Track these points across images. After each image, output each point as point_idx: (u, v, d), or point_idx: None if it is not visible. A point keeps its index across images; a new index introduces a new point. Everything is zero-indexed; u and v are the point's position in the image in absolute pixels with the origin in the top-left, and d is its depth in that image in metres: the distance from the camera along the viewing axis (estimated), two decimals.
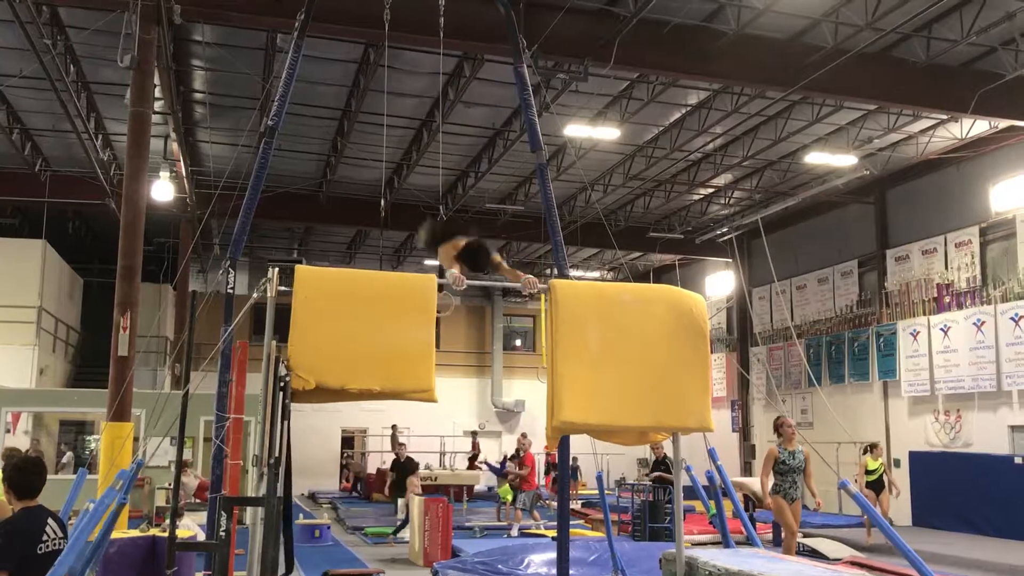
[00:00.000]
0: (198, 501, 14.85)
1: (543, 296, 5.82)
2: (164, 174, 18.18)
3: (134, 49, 11.76)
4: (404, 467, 16.39)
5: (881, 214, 20.89)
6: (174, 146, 17.81)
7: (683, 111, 17.07)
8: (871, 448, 14.77)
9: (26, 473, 4.68)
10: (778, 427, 10.23)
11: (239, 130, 17.25)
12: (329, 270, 5.82)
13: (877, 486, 14.33)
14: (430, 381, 5.32)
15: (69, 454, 19.65)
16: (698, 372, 5.74)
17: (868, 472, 14.42)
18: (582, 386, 5.41)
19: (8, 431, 18.29)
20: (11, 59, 14.66)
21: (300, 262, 5.34)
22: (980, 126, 17.11)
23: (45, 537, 4.59)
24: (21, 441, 18.84)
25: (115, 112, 16.71)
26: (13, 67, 14.44)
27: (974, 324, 17.71)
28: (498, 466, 20.35)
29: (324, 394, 5.20)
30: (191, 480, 15.75)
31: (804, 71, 13.61)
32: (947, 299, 18.62)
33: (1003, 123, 16.44)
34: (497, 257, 6.35)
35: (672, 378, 5.63)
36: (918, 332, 19.15)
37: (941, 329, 18.53)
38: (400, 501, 15.80)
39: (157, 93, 14.04)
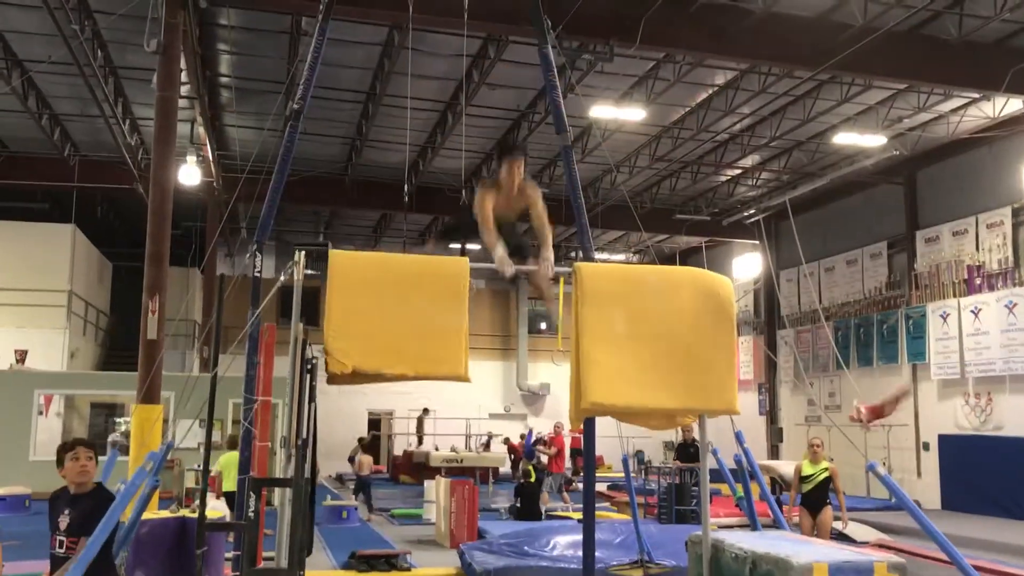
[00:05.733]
0: None
1: (562, 279, 5.79)
2: (191, 158, 18.32)
3: (160, 34, 11.83)
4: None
5: (911, 195, 20.60)
6: (201, 130, 17.93)
7: (710, 91, 16.91)
8: (813, 448, 10.49)
9: None
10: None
11: (265, 114, 17.31)
12: (362, 254, 5.84)
13: (815, 500, 10.12)
14: (463, 364, 5.36)
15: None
16: (724, 355, 5.70)
17: (803, 479, 10.25)
18: (607, 368, 5.39)
19: (41, 413, 18.59)
20: (40, 45, 14.78)
21: (326, 246, 5.36)
22: (1013, 105, 16.78)
23: None
24: (53, 424, 19.13)
25: (142, 97, 16.81)
26: (42, 53, 14.57)
27: (1006, 306, 17.46)
28: (528, 441, 20.43)
29: (360, 377, 5.25)
30: None
31: (833, 50, 13.39)
32: (978, 281, 18.35)
33: None
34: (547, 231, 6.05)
35: (698, 360, 5.59)
36: (948, 314, 18.91)
37: (972, 311, 18.29)
38: None
39: (183, 78, 14.13)
